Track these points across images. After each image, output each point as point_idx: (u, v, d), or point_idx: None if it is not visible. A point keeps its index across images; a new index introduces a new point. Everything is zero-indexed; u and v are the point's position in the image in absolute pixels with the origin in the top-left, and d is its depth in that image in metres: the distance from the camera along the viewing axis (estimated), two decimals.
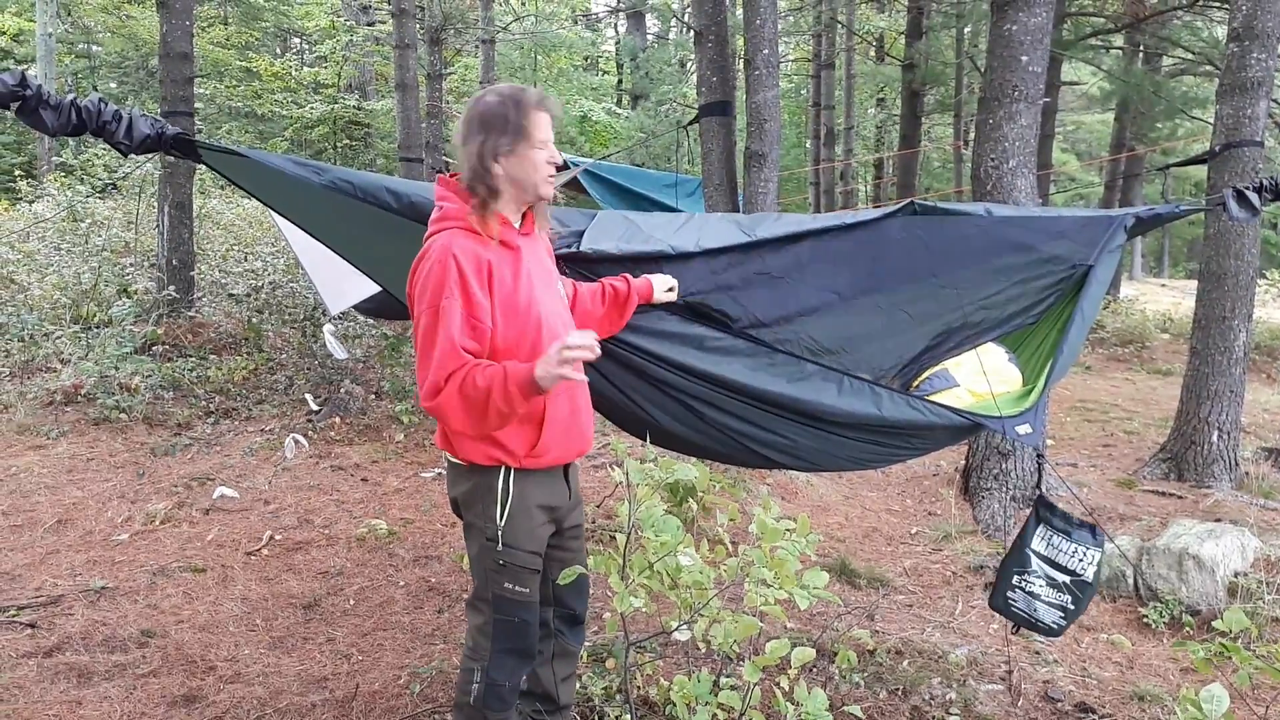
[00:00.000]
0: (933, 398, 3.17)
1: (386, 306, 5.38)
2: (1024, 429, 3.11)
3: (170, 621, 4.05)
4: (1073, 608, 3.17)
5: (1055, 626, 3.20)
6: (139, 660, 3.70)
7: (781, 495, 6.07)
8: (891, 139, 22.51)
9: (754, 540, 2.49)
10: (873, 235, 3.20)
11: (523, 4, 21.97)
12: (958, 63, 16.77)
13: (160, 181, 8.82)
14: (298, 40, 25.39)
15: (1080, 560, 3.15)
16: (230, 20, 21.09)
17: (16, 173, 15.49)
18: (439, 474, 6.24)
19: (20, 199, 14.28)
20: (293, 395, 7.38)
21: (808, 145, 22.33)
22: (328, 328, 7.05)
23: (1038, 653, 4.12)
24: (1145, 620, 4.46)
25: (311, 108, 18.95)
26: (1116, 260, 3.36)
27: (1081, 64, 16.70)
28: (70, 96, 2.62)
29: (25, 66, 23.34)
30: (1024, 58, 5.66)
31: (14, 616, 3.95)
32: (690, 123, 7.40)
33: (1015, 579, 3.26)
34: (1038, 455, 3.24)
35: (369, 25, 19.11)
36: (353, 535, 5.15)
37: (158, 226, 8.81)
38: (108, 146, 2.74)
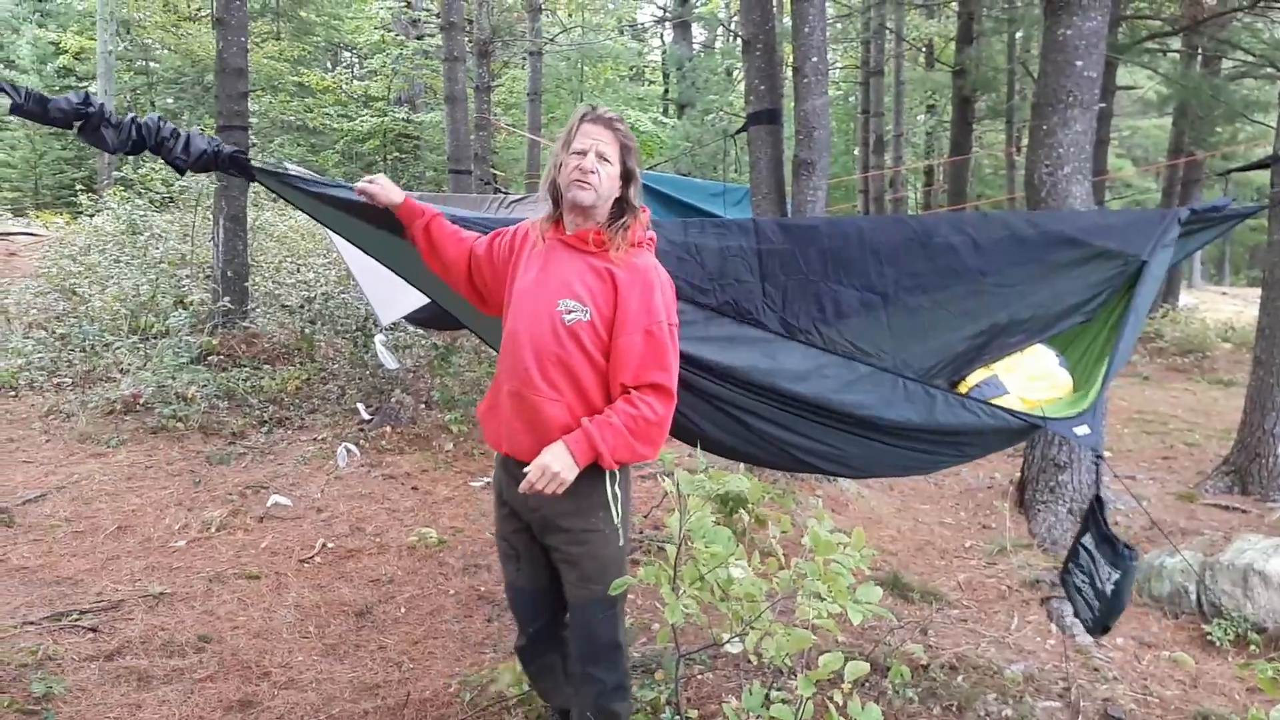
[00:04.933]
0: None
1: (437, 317, 5.43)
2: (1082, 429, 3.04)
3: (226, 627, 4.11)
4: (1098, 615, 3.10)
5: (1086, 624, 3.15)
6: (196, 665, 3.76)
7: (832, 507, 6.01)
8: (942, 146, 22.29)
9: (808, 553, 2.46)
10: (918, 233, 3.16)
11: (569, 15, 22.11)
12: (1009, 68, 16.53)
13: (216, 195, 8.99)
14: (348, 54, 25.78)
15: (1103, 572, 3.08)
16: (283, 35, 21.47)
17: (78, 187, 15.89)
18: (487, 483, 6.27)
19: (81, 213, 14.65)
20: (345, 405, 7.47)
21: (856, 153, 22.20)
22: (379, 338, 7.13)
23: (1097, 669, 4.03)
24: (1209, 637, 4.34)
25: (362, 121, 19.21)
26: (1170, 256, 3.28)
27: (1137, 68, 16.38)
28: (130, 115, 2.68)
29: (86, 84, 24.07)
30: (1079, 62, 5.56)
31: (76, 620, 4.03)
32: (738, 131, 7.39)
33: (1069, 565, 3.21)
34: (1096, 456, 3.16)
35: (418, 39, 19.36)
36: (403, 543, 5.19)
37: (213, 239, 8.99)
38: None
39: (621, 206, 2.59)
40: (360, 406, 7.37)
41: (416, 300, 5.03)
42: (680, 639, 3.44)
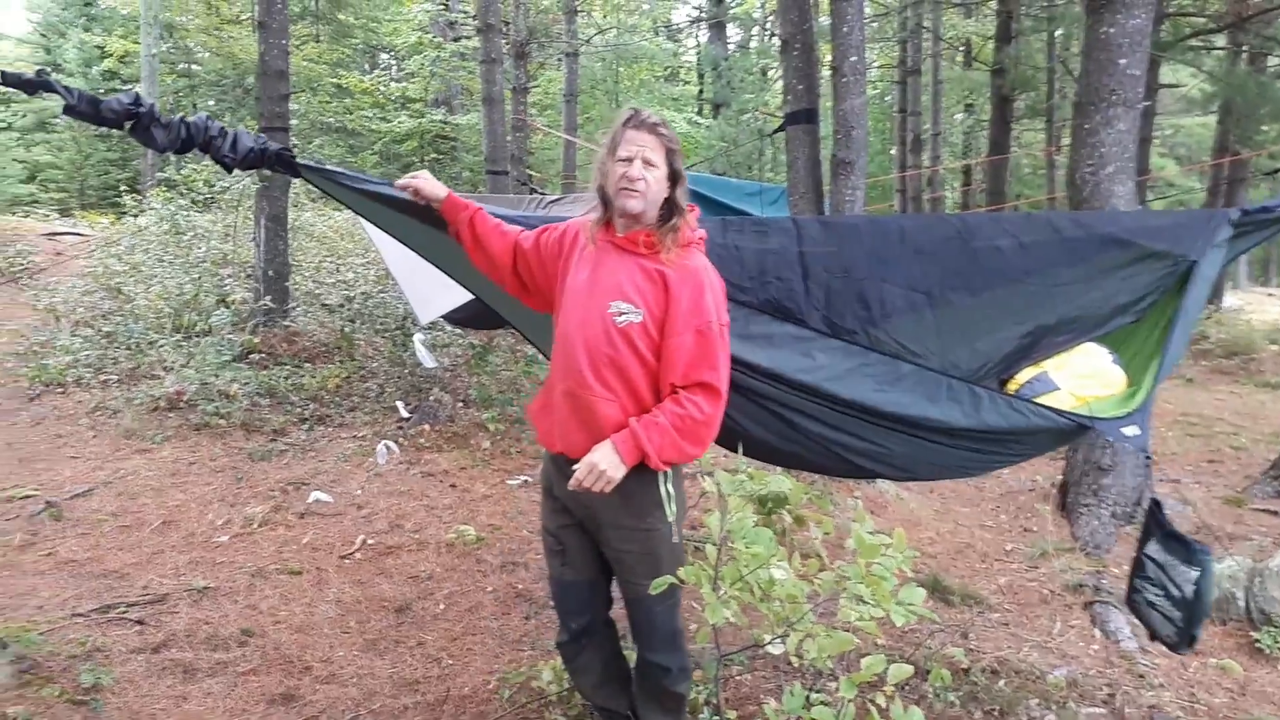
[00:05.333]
0: (1034, 400, 3.09)
1: (474, 316, 5.46)
2: (1131, 430, 3.00)
3: (268, 622, 4.16)
4: (1182, 625, 3.02)
5: (1169, 640, 3.07)
6: (239, 659, 3.81)
7: (871, 509, 5.97)
8: (980, 145, 22.05)
9: (851, 555, 2.44)
10: (962, 233, 3.14)
11: (605, 16, 22.14)
12: (1049, 67, 16.33)
13: (257, 195, 9.10)
14: (386, 56, 26.01)
15: (1181, 576, 3.01)
16: (322, 38, 21.70)
17: (122, 188, 16.17)
18: (525, 481, 6.31)
19: (125, 213, 14.90)
20: (384, 403, 7.53)
21: (893, 152, 22.02)
22: (418, 337, 7.20)
23: (1142, 676, 3.97)
24: (1257, 645, 4.27)
25: (400, 122, 19.37)
26: (1221, 257, 3.23)
27: (1181, 65, 16.11)
28: (179, 115, 2.73)
29: (130, 86, 24.47)
30: (1122, 60, 5.48)
31: (124, 613, 4.10)
32: (775, 131, 7.37)
33: (1136, 582, 3.14)
34: (1145, 457, 3.12)
35: (455, 41, 19.48)
36: (442, 540, 5.23)
37: (255, 239, 9.10)
38: (209, 161, 2.86)
39: (670, 207, 2.60)
40: (399, 404, 7.43)
41: (454, 299, 5.06)
42: (719, 639, 3.44)
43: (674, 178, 2.60)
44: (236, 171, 2.98)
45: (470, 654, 4.00)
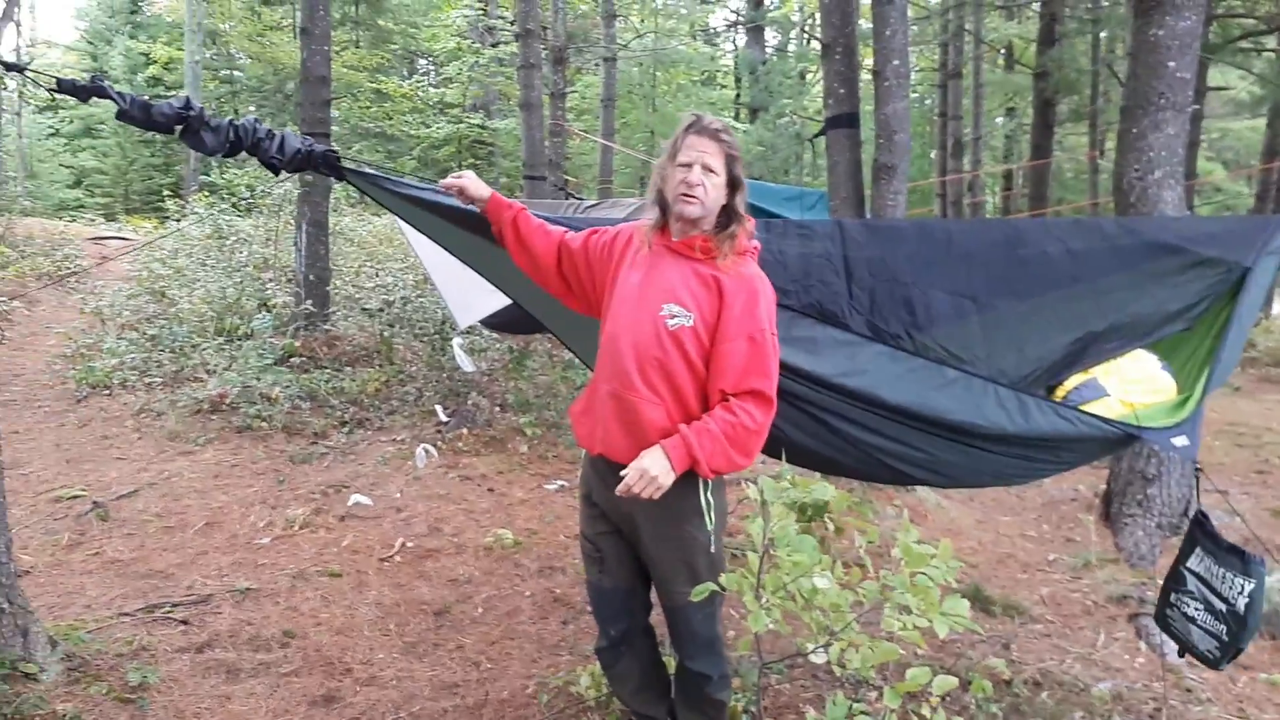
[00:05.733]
0: (1082, 408, 3.03)
1: (512, 321, 5.47)
2: (1181, 440, 2.94)
3: (309, 623, 4.20)
4: (1227, 640, 2.94)
5: (1209, 656, 2.99)
6: (281, 660, 3.84)
7: (911, 517, 5.89)
8: (1021, 149, 21.79)
9: (896, 564, 2.42)
10: (1009, 238, 3.10)
11: (642, 21, 22.16)
12: (1093, 70, 16.10)
13: (298, 200, 9.21)
14: (424, 62, 26.24)
15: (1231, 589, 2.93)
16: (361, 44, 21.95)
17: (165, 193, 16.46)
18: (561, 486, 6.31)
19: (168, 217, 15.16)
20: (422, 406, 7.58)
21: (933, 156, 21.82)
22: (457, 341, 7.23)
23: (1189, 691, 3.89)
24: None
25: (438, 128, 19.53)
26: (1275, 264, 3.15)
27: (1229, 68, 15.83)
28: (228, 118, 2.77)
29: (174, 92, 24.89)
30: (1171, 63, 5.38)
31: (169, 613, 4.15)
32: (816, 135, 7.35)
33: (1171, 596, 3.08)
34: (1195, 468, 3.05)
35: (493, 46, 19.60)
36: (480, 544, 5.24)
37: (296, 243, 9.21)
38: (251, 167, 2.90)
39: (728, 214, 2.58)
40: (438, 408, 7.48)
41: (492, 304, 5.08)
42: (759, 648, 3.41)
43: (733, 184, 2.57)
44: (279, 175, 3.01)
45: (508, 658, 4.00)
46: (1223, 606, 2.93)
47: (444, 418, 7.37)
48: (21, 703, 3.18)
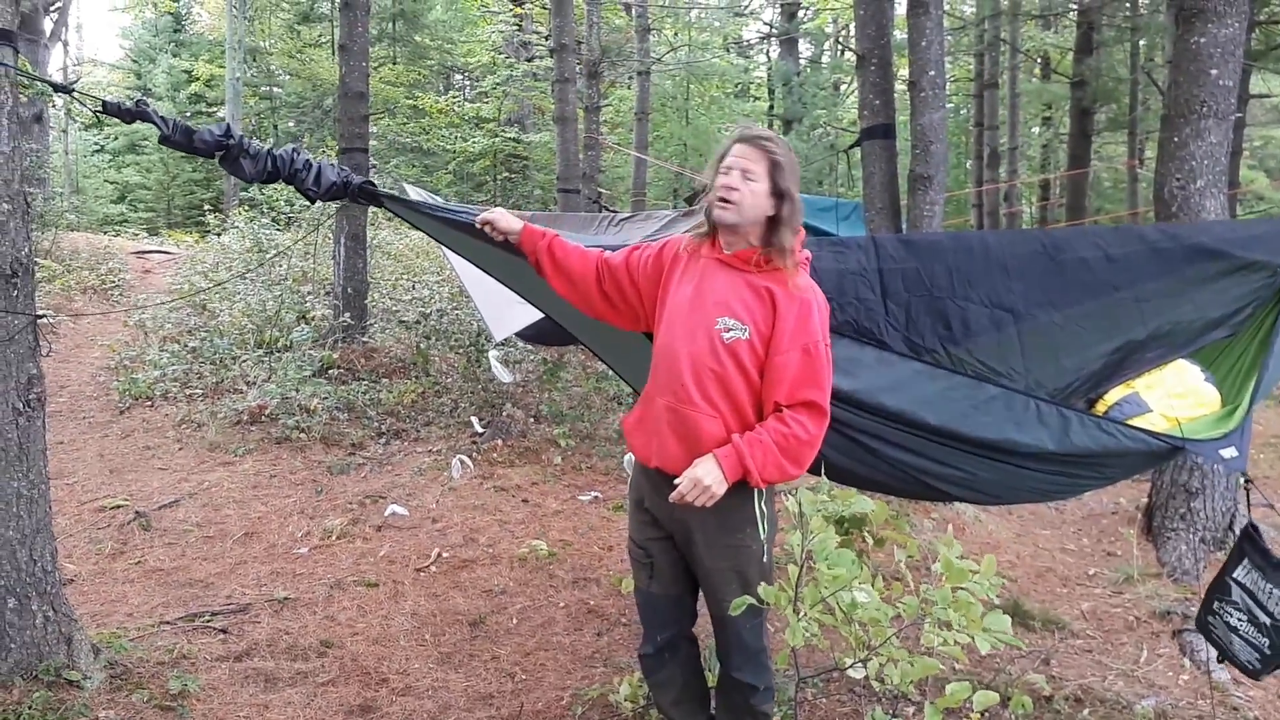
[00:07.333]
0: (1126, 422, 2.99)
1: (546, 334, 5.51)
2: (1229, 452, 2.89)
3: (346, 633, 4.23)
4: (1269, 654, 2.90)
5: (1249, 666, 2.95)
6: (319, 669, 3.87)
7: (949, 531, 5.85)
8: (1058, 159, 21.54)
9: (938, 579, 2.39)
10: (1047, 247, 3.07)
11: (675, 34, 22.22)
12: (1132, 78, 15.90)
13: (336, 214, 9.32)
14: (460, 77, 26.47)
15: (1278, 605, 2.88)
16: (398, 60, 22.19)
17: (206, 207, 16.69)
18: (595, 497, 6.32)
19: (209, 231, 15.40)
20: (458, 418, 7.63)
21: (969, 166, 21.62)
22: (493, 353, 7.27)
23: (1236, 709, 3.82)
24: None
25: (474, 142, 19.68)
26: None
27: (1271, 74, 15.57)
28: (268, 148, 2.81)
29: (215, 109, 25.32)
30: (1213, 71, 5.31)
31: (208, 622, 4.21)
32: (852, 146, 7.31)
33: (1215, 604, 3.03)
34: (1245, 480, 3.00)
35: (529, 61, 19.76)
36: (515, 555, 5.26)
37: (334, 257, 9.32)
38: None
39: (774, 225, 2.58)
40: (474, 419, 7.52)
41: (527, 317, 5.12)
42: (796, 661, 3.39)
43: (779, 195, 2.55)
44: (315, 204, 3.07)
45: (543, 669, 4.01)
46: (1267, 620, 2.89)
47: (479, 429, 7.41)
48: (66, 710, 3.23)
